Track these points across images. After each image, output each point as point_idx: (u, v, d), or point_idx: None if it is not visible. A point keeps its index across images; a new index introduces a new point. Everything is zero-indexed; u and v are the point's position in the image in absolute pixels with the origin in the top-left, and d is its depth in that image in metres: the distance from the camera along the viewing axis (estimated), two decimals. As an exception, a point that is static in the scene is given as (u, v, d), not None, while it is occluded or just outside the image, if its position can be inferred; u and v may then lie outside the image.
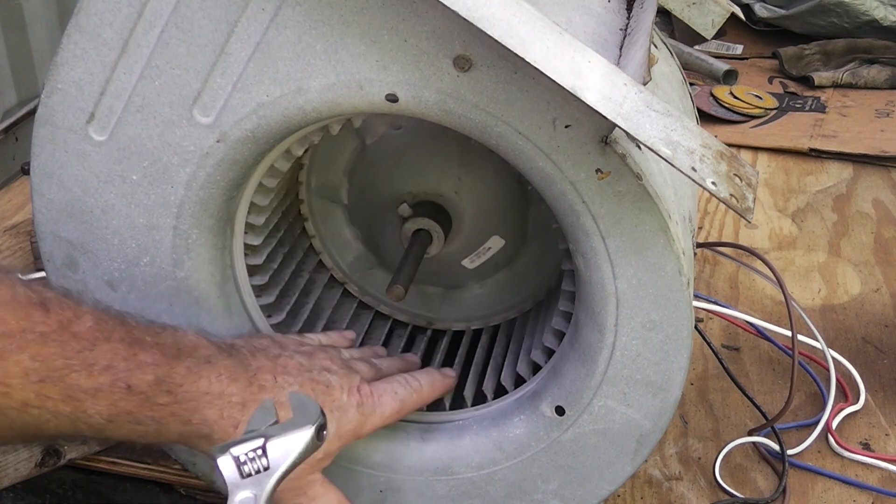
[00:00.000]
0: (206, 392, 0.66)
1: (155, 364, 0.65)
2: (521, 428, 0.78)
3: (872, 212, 1.41)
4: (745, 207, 0.60)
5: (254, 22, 0.65)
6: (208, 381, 0.67)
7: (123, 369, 0.63)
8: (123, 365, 0.63)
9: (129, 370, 0.63)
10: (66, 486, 0.92)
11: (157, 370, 0.65)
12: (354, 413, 0.73)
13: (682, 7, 0.93)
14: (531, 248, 0.92)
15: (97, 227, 0.73)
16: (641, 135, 0.58)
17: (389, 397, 0.76)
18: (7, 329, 0.60)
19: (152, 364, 0.65)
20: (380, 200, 0.90)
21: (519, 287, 0.94)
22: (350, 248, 0.96)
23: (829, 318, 1.16)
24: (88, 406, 0.63)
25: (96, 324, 0.64)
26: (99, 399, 0.63)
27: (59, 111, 0.70)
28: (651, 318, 0.71)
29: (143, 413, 0.64)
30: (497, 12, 0.57)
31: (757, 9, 2.02)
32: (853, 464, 0.94)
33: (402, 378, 0.78)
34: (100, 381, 0.63)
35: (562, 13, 0.74)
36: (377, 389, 0.75)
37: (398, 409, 0.76)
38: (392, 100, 0.66)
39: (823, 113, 1.72)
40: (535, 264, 0.92)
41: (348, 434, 0.73)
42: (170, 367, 0.65)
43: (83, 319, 0.63)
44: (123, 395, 0.63)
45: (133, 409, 0.64)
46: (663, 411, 0.74)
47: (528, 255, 0.92)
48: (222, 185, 0.71)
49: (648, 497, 0.90)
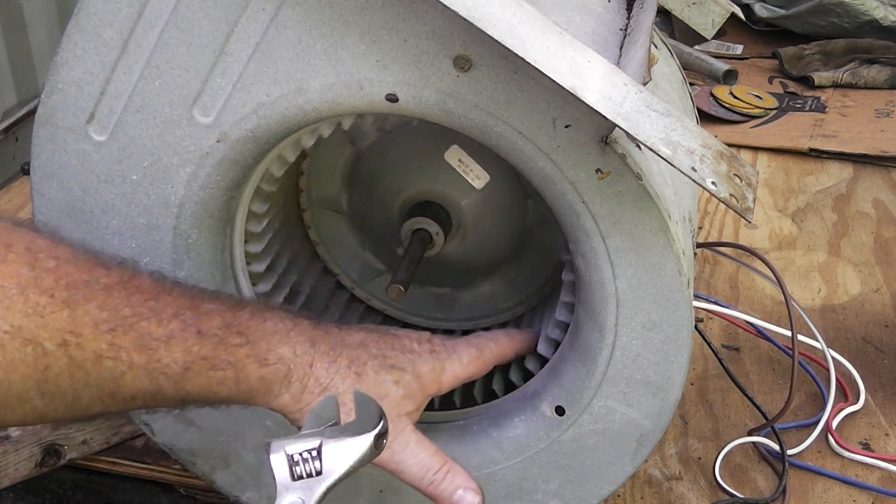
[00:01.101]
0: (274, 331, 0.67)
1: (220, 311, 0.65)
2: (521, 428, 0.78)
3: (872, 212, 1.41)
4: (745, 207, 0.60)
5: (254, 22, 0.65)
6: (273, 322, 0.67)
7: (191, 316, 0.64)
8: (190, 313, 0.64)
9: (197, 316, 0.64)
10: (66, 486, 0.92)
11: (223, 315, 0.65)
12: (429, 357, 0.72)
13: (682, 7, 0.93)
14: (533, 244, 0.92)
15: (97, 227, 0.73)
16: (641, 135, 0.58)
17: (464, 345, 0.75)
18: (72, 280, 0.60)
19: (217, 311, 0.65)
20: (380, 204, 0.90)
21: (524, 284, 0.94)
22: (355, 254, 0.95)
23: (829, 318, 1.16)
24: (163, 354, 0.62)
25: (155, 282, 0.65)
26: (172, 346, 0.62)
27: (59, 111, 0.70)
28: (651, 318, 0.71)
29: (219, 356, 0.64)
30: (497, 12, 0.57)
31: (757, 9, 2.02)
32: (853, 464, 0.94)
33: (476, 334, 0.78)
34: (170, 327, 0.62)
35: (562, 13, 0.74)
36: (450, 343, 0.75)
37: (476, 356, 0.75)
38: (392, 100, 0.66)
39: (823, 113, 1.72)
40: (538, 260, 0.92)
41: (428, 377, 0.72)
42: (233, 313, 0.66)
43: (142, 277, 0.64)
44: (196, 339, 0.63)
45: (208, 354, 0.64)
46: (663, 411, 0.74)
47: (530, 250, 0.92)
48: (222, 185, 0.71)
49: (648, 497, 0.90)
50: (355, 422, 0.62)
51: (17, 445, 0.87)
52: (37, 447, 0.88)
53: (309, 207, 0.93)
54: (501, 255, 0.92)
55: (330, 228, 0.94)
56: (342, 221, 0.94)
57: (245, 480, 0.83)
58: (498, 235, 0.90)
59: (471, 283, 0.95)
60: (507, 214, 0.89)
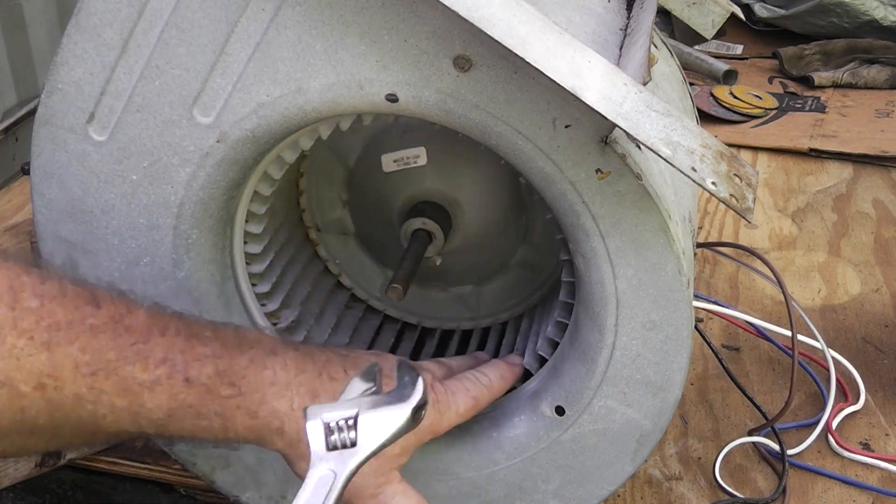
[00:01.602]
0: (272, 382, 0.64)
1: (215, 356, 0.63)
2: (521, 428, 0.78)
3: (872, 212, 1.41)
4: (745, 207, 0.60)
5: (254, 22, 0.65)
6: (273, 371, 0.65)
7: (181, 361, 0.61)
8: (181, 357, 0.62)
9: (187, 362, 0.62)
10: (66, 486, 0.92)
11: (217, 362, 0.63)
12: (431, 410, 0.70)
13: (682, 7, 0.93)
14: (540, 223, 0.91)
15: (97, 227, 0.73)
16: (641, 135, 0.58)
17: (462, 394, 0.75)
18: (54, 321, 0.58)
19: (212, 356, 0.63)
20: (379, 213, 0.90)
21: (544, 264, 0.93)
22: (362, 262, 0.95)
23: (829, 318, 1.16)
24: (146, 399, 0.60)
25: (150, 318, 0.62)
26: (157, 392, 0.61)
27: (59, 111, 0.70)
28: (651, 318, 0.71)
29: (206, 406, 0.62)
30: (497, 12, 0.57)
31: (757, 9, 2.02)
32: (853, 464, 0.94)
33: (473, 375, 0.77)
34: (157, 373, 0.60)
35: (562, 13, 0.74)
36: (450, 387, 0.75)
37: (472, 406, 0.75)
38: (392, 100, 0.66)
39: (823, 113, 1.72)
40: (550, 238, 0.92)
41: (426, 431, 0.71)
42: (231, 358, 0.64)
43: (136, 314, 0.62)
44: (182, 387, 0.61)
45: (194, 402, 0.62)
46: (663, 411, 0.74)
47: (539, 230, 0.92)
48: (222, 185, 0.71)
49: (648, 497, 0.90)
50: (395, 392, 0.59)
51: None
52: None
53: (313, 228, 0.93)
54: (510, 242, 0.91)
55: (336, 242, 0.95)
56: (349, 239, 0.94)
57: (245, 480, 0.83)
58: (501, 223, 0.90)
59: (490, 276, 0.94)
60: (507, 200, 0.89)
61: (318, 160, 0.90)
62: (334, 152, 0.89)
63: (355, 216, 0.93)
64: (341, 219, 0.93)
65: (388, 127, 0.85)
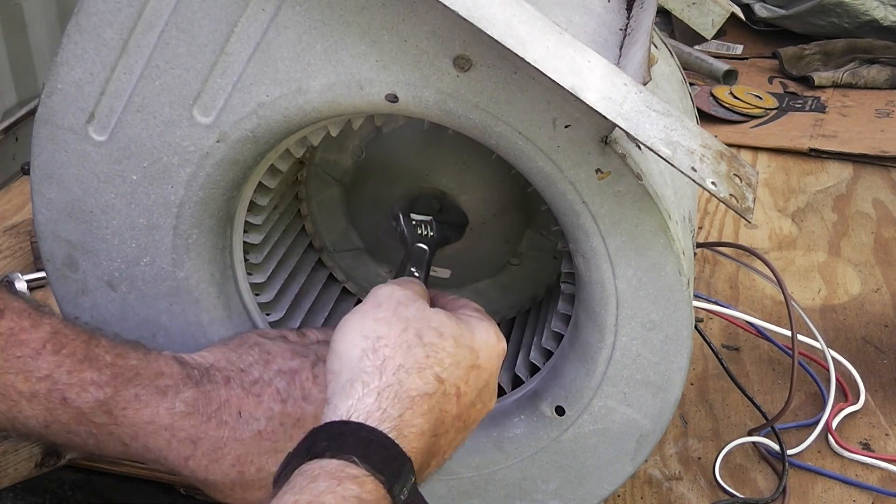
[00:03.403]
0: (150, 422, 0.66)
1: (101, 383, 0.66)
2: (521, 428, 0.78)
3: (872, 212, 1.41)
4: (745, 207, 0.60)
5: (254, 22, 0.65)
6: (155, 410, 0.66)
7: (63, 382, 0.65)
8: (65, 378, 0.65)
9: (68, 384, 0.65)
10: (66, 486, 0.92)
11: (102, 390, 0.65)
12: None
13: (682, 7, 0.93)
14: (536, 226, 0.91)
15: (97, 227, 0.73)
16: (641, 135, 0.58)
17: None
18: None
19: (96, 384, 0.65)
20: (385, 220, 0.90)
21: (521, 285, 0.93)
22: (367, 266, 0.95)
23: (829, 318, 1.16)
24: (24, 408, 0.65)
25: (51, 336, 0.66)
26: (34, 404, 0.65)
27: (59, 111, 0.70)
28: (651, 318, 0.71)
29: (80, 427, 0.66)
30: (497, 12, 0.57)
31: (757, 9, 2.02)
32: (853, 464, 0.94)
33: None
34: (36, 387, 0.64)
35: (562, 13, 0.74)
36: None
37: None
38: (392, 100, 0.66)
39: (823, 113, 1.72)
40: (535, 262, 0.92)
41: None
42: (116, 389, 0.66)
43: (39, 329, 0.65)
44: (59, 405, 0.65)
45: (68, 421, 0.65)
46: (663, 411, 0.74)
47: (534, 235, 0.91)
48: (222, 185, 0.71)
49: (648, 497, 0.90)
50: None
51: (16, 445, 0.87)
52: (37, 447, 0.88)
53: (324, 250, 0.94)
54: (516, 232, 0.91)
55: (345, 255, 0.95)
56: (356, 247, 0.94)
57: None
58: (503, 214, 0.89)
59: (504, 267, 0.93)
60: (507, 190, 0.89)
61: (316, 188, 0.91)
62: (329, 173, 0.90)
63: (360, 231, 0.93)
64: (346, 232, 0.93)
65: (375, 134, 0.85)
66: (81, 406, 0.65)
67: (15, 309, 0.66)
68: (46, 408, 0.65)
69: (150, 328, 0.77)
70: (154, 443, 0.66)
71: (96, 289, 0.76)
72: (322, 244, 0.93)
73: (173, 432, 0.66)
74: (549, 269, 0.91)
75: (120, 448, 0.67)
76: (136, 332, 0.75)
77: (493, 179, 0.86)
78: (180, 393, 0.67)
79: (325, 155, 0.89)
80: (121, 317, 0.76)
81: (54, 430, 0.66)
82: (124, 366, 0.67)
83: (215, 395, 0.68)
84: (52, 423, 0.66)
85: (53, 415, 0.65)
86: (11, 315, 0.65)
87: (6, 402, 0.65)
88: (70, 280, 0.76)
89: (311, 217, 0.92)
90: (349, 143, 0.87)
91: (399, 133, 0.84)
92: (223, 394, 0.68)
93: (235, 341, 0.74)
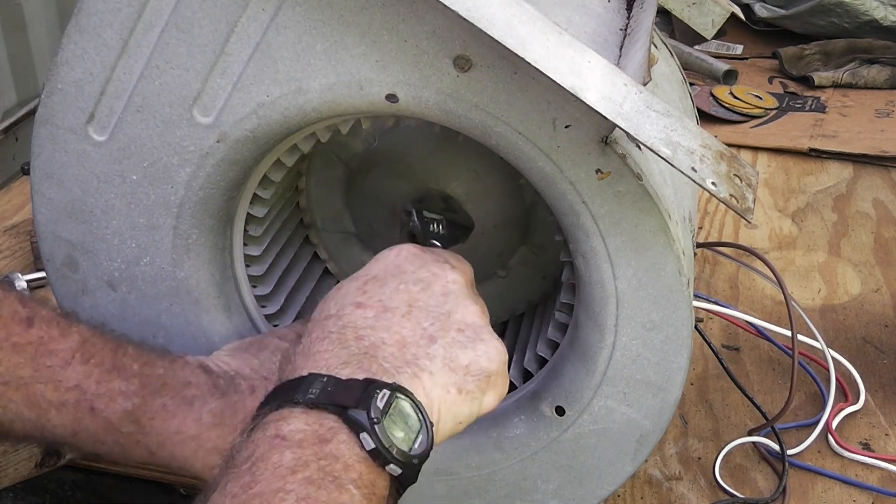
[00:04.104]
0: (177, 432, 0.67)
1: (129, 393, 0.66)
2: (521, 428, 0.78)
3: (872, 212, 1.41)
4: (745, 207, 0.60)
5: (254, 22, 0.65)
6: (182, 421, 0.67)
7: (92, 392, 0.65)
8: (94, 388, 0.65)
9: (97, 394, 0.65)
10: (66, 486, 0.92)
11: (128, 401, 0.66)
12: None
13: (682, 7, 0.93)
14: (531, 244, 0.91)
15: (97, 227, 0.73)
16: (641, 135, 0.58)
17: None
18: None
19: (124, 394, 0.66)
20: (383, 210, 0.90)
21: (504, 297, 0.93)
22: (351, 249, 0.95)
23: (829, 318, 1.16)
24: (53, 417, 0.65)
25: (79, 345, 0.66)
26: (63, 413, 0.65)
27: (59, 111, 0.70)
28: (651, 318, 0.71)
29: (107, 436, 0.66)
30: (497, 12, 0.57)
31: (757, 9, 2.02)
32: (853, 464, 0.94)
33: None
34: (65, 397, 0.65)
35: (562, 13, 0.74)
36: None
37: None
38: (392, 100, 0.66)
39: (823, 113, 1.72)
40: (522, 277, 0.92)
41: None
42: (144, 400, 0.66)
43: (68, 339, 0.66)
44: (87, 414, 0.65)
45: (96, 430, 0.66)
46: (663, 411, 0.74)
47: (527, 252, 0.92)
48: (222, 185, 0.71)
49: (648, 497, 0.90)
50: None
51: (17, 445, 0.87)
52: (37, 447, 0.88)
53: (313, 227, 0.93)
54: (511, 246, 0.91)
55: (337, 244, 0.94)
56: (352, 240, 0.94)
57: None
58: (503, 227, 0.90)
59: (490, 277, 0.93)
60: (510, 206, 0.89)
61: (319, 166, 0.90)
62: (335, 152, 0.89)
63: (355, 215, 0.93)
64: (339, 217, 0.92)
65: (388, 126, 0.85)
66: (109, 416, 0.66)
67: (44, 318, 0.66)
68: (75, 417, 0.65)
69: (150, 328, 0.77)
70: (181, 452, 0.67)
71: (96, 289, 0.76)
72: (312, 220, 0.93)
73: (200, 442, 0.67)
74: (535, 286, 0.91)
75: (146, 456, 0.67)
76: (137, 332, 0.75)
77: (500, 194, 0.86)
78: (207, 404, 0.68)
79: (337, 135, 0.89)
80: (121, 317, 0.76)
81: (82, 438, 0.66)
82: (151, 375, 0.67)
83: (241, 405, 0.69)
84: (80, 432, 0.66)
85: (81, 424, 0.66)
86: (41, 324, 0.66)
87: (35, 411, 0.65)
88: (70, 280, 0.76)
89: (307, 192, 0.91)
90: (362, 129, 0.87)
91: (416, 129, 0.83)
92: (248, 404, 0.69)
93: (255, 346, 0.74)
